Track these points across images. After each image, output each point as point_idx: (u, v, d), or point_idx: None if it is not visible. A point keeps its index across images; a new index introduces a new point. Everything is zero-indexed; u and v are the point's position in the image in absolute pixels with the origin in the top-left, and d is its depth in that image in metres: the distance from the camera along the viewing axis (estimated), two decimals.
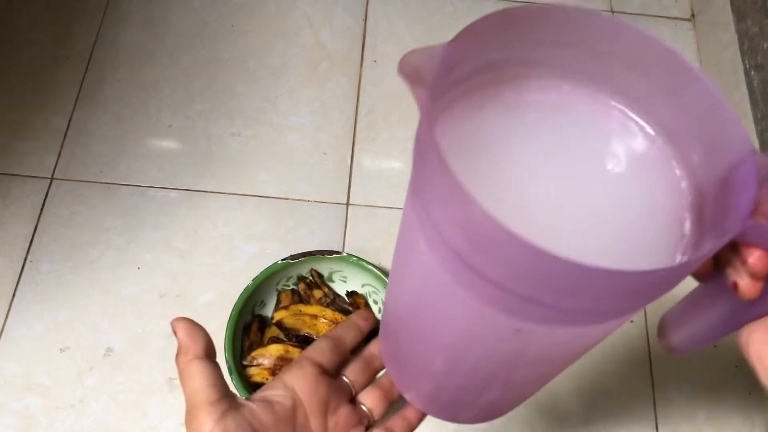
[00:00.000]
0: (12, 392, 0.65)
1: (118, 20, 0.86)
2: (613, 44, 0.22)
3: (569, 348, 0.24)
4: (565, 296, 0.18)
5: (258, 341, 0.63)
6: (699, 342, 0.25)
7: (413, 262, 0.24)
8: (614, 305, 0.19)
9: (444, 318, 0.24)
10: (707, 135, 0.21)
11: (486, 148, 0.23)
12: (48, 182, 0.75)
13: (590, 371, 0.70)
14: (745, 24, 0.80)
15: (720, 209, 0.21)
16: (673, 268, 0.18)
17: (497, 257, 0.18)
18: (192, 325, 0.29)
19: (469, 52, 0.22)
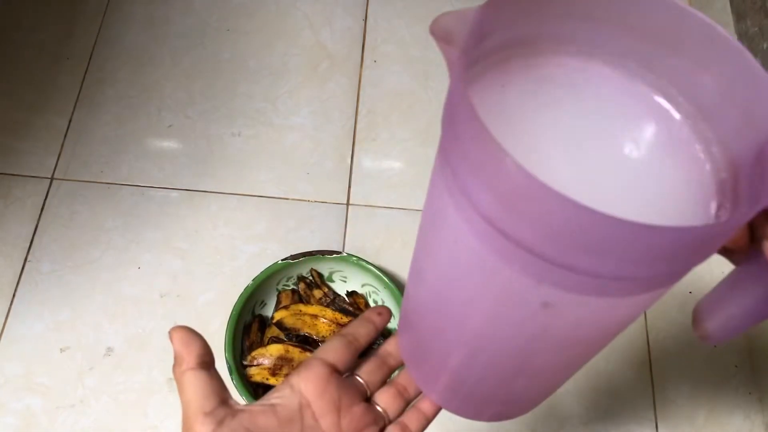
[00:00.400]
0: (12, 392, 0.65)
1: (118, 21, 0.86)
2: (644, 18, 0.22)
3: (597, 325, 0.23)
4: (598, 258, 0.18)
5: (258, 341, 0.64)
6: (735, 328, 0.25)
7: (440, 236, 0.23)
8: (647, 271, 0.19)
9: (471, 293, 0.23)
10: (743, 105, 0.21)
11: (509, 127, 0.23)
12: (48, 182, 0.75)
13: (590, 371, 0.70)
14: (744, 24, 0.80)
15: (757, 179, 0.20)
16: (708, 227, 0.17)
17: (530, 216, 0.18)
18: (187, 334, 0.28)
19: (501, 20, 0.21)
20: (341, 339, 0.33)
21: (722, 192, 0.22)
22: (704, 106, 0.23)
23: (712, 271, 0.82)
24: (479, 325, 0.24)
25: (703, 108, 0.23)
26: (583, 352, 0.27)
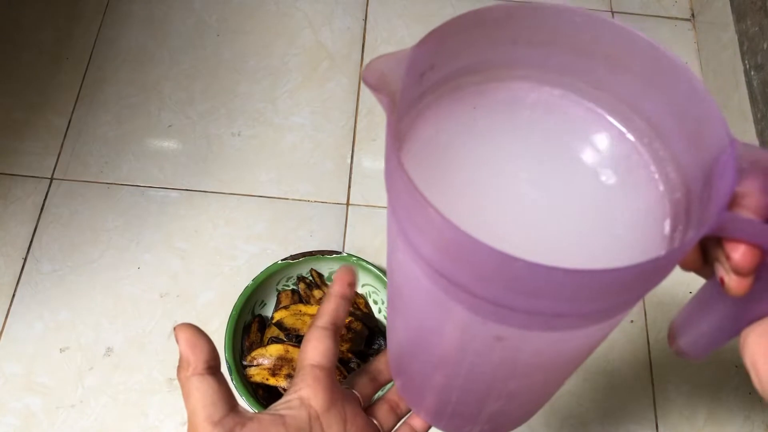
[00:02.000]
0: (12, 392, 0.65)
1: (118, 20, 0.86)
2: (592, 41, 0.22)
3: (559, 356, 0.23)
4: (534, 300, 0.18)
5: (258, 341, 0.64)
6: (706, 346, 0.25)
7: (397, 269, 0.24)
8: (586, 308, 0.19)
9: (433, 325, 0.24)
10: (690, 127, 0.21)
11: (476, 146, 0.23)
12: (48, 182, 0.75)
13: (590, 371, 0.70)
14: (744, 24, 0.80)
15: (703, 203, 0.20)
16: (636, 266, 0.17)
17: (463, 264, 0.18)
18: (194, 335, 0.26)
19: (442, 55, 0.22)
20: (326, 333, 0.31)
21: (676, 212, 0.22)
22: (657, 126, 0.23)
23: None
24: (447, 354, 0.24)
25: (656, 127, 0.23)
26: (556, 377, 0.27)
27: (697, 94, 0.20)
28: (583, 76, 0.23)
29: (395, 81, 0.20)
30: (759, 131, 0.75)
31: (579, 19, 0.21)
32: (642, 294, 0.20)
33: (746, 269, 0.19)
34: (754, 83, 0.76)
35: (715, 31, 0.87)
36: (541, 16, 0.22)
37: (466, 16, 0.21)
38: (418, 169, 0.22)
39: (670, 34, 0.91)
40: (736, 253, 0.19)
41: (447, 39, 0.21)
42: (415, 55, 0.20)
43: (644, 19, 0.92)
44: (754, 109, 0.76)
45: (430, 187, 0.22)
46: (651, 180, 0.23)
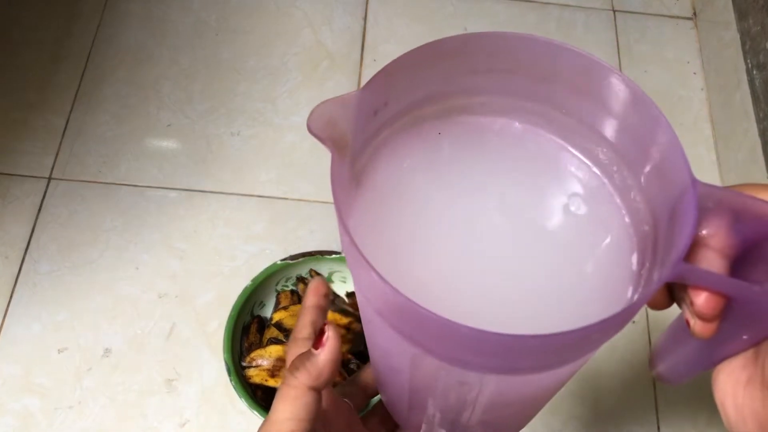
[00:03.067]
0: (11, 393, 0.64)
1: (116, 19, 0.85)
2: (554, 68, 0.21)
3: (525, 393, 0.23)
4: (485, 357, 0.18)
5: (257, 342, 0.63)
6: (683, 374, 0.24)
7: (363, 310, 0.24)
8: (540, 363, 0.19)
9: (399, 364, 0.23)
10: (656, 160, 0.20)
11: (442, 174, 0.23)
12: (46, 182, 0.74)
13: (591, 372, 0.70)
14: (746, 23, 0.79)
15: (667, 244, 0.20)
16: (578, 330, 0.17)
17: (412, 324, 0.18)
18: (339, 350, 0.26)
19: (396, 90, 0.21)
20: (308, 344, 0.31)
21: (644, 246, 0.22)
22: (625, 154, 0.22)
23: None
24: (417, 388, 0.24)
25: (624, 155, 0.22)
26: (530, 407, 0.26)
27: (661, 129, 0.20)
28: (547, 102, 0.23)
29: (345, 124, 0.19)
30: (761, 131, 0.74)
31: (540, 48, 0.21)
32: (597, 346, 0.19)
33: (709, 315, 0.19)
34: (756, 82, 0.76)
35: (716, 30, 0.86)
36: (500, 45, 0.21)
37: (419, 50, 0.20)
38: (379, 206, 0.22)
39: (671, 33, 0.91)
40: (699, 299, 0.19)
41: (400, 75, 0.21)
42: (364, 96, 0.20)
43: (646, 18, 0.92)
44: (756, 109, 0.76)
45: (390, 224, 0.21)
46: (617, 211, 0.22)
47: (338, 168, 0.19)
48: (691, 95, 0.87)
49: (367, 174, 0.22)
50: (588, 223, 0.22)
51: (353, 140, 0.20)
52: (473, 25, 0.89)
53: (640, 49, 0.89)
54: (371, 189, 0.22)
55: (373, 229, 0.21)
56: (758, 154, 0.74)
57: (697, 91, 0.87)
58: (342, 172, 0.20)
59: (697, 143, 0.84)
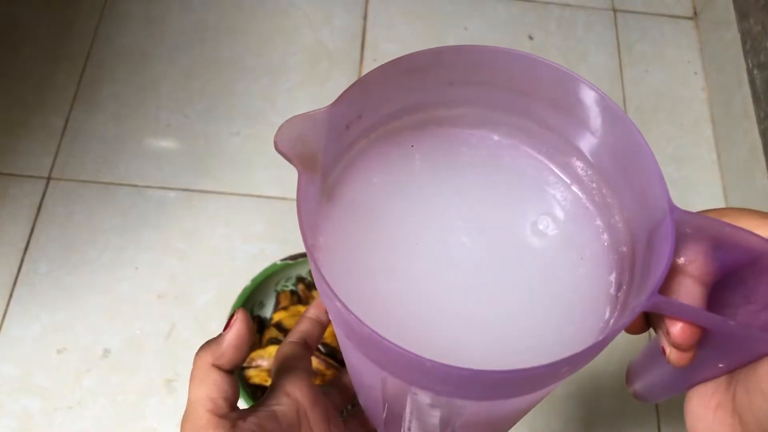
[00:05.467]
0: (10, 393, 0.64)
1: (116, 19, 0.85)
2: (533, 83, 0.21)
3: (494, 417, 0.23)
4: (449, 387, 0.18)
5: (257, 342, 0.63)
6: (658, 394, 0.24)
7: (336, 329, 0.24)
8: (506, 393, 0.19)
9: (370, 382, 0.23)
10: (635, 181, 0.20)
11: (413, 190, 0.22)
12: (45, 182, 0.74)
13: (591, 372, 0.70)
14: (747, 22, 0.79)
15: (644, 267, 0.19)
16: (540, 367, 0.16)
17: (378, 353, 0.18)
18: (245, 335, 0.26)
19: (369, 104, 0.21)
20: (298, 346, 0.32)
21: (622, 265, 0.21)
22: (605, 172, 0.22)
23: None
24: (390, 404, 0.24)
25: (604, 174, 0.22)
26: (508, 424, 0.26)
27: (638, 151, 0.19)
28: (526, 115, 0.22)
29: (315, 140, 0.19)
30: (762, 131, 0.74)
31: (516, 61, 0.21)
32: (568, 374, 0.19)
33: (685, 346, 0.19)
34: (757, 82, 0.76)
35: (717, 30, 0.86)
36: (476, 58, 0.21)
37: (392, 64, 0.20)
38: (350, 223, 0.21)
39: (672, 33, 0.91)
40: (675, 329, 0.19)
41: (373, 89, 0.20)
42: (335, 112, 0.20)
43: (646, 18, 0.92)
44: (757, 109, 0.75)
45: (361, 241, 0.21)
46: (595, 231, 0.22)
47: (306, 187, 0.19)
48: (692, 95, 0.87)
49: (339, 189, 0.22)
50: (565, 242, 0.22)
51: (324, 156, 0.20)
52: (473, 24, 0.89)
53: (640, 49, 0.89)
54: (342, 205, 0.22)
55: (344, 246, 0.21)
56: (759, 154, 0.73)
57: (698, 91, 0.87)
58: (310, 192, 0.20)
59: (698, 143, 0.83)
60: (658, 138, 0.83)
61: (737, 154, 0.78)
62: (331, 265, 0.20)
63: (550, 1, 0.91)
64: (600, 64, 0.87)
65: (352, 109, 0.21)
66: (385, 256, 0.21)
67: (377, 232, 0.22)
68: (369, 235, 0.21)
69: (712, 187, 0.80)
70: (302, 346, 0.31)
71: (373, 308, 0.20)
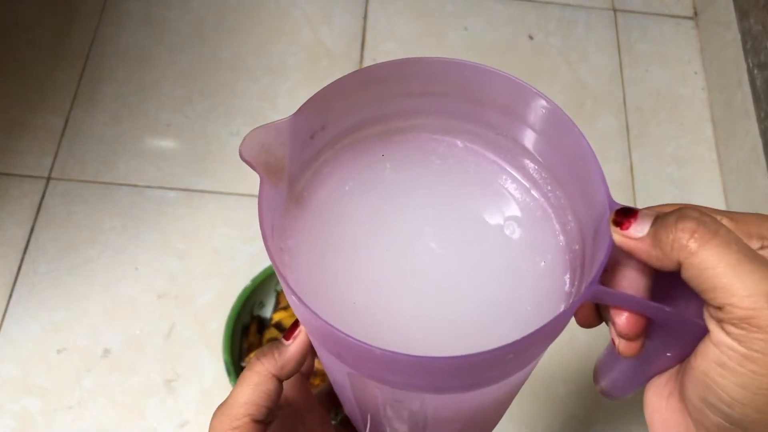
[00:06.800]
0: (9, 393, 0.64)
1: (116, 19, 0.85)
2: (484, 92, 0.22)
3: (463, 411, 0.23)
4: (411, 378, 0.18)
5: (257, 342, 0.63)
6: (623, 389, 0.25)
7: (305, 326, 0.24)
8: (465, 382, 0.19)
9: (340, 379, 0.24)
10: (581, 182, 0.21)
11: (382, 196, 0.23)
12: (45, 182, 0.74)
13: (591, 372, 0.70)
14: (747, 22, 0.79)
15: (591, 262, 0.20)
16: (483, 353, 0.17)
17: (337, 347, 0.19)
18: (308, 348, 0.26)
19: (332, 115, 0.22)
20: None
21: (574, 266, 0.22)
22: (557, 176, 0.23)
23: None
24: (361, 403, 0.25)
25: (557, 177, 0.23)
26: (479, 423, 0.27)
27: (582, 153, 0.20)
28: (482, 124, 0.23)
29: (279, 149, 0.20)
30: (762, 131, 0.74)
31: (468, 72, 0.22)
32: (519, 366, 0.20)
33: (631, 335, 0.19)
34: (758, 82, 0.76)
35: (717, 30, 0.86)
36: (430, 70, 0.22)
37: (351, 76, 0.21)
38: (318, 228, 0.22)
39: (672, 33, 0.91)
40: (620, 320, 0.19)
41: (334, 100, 0.21)
42: (297, 121, 0.20)
43: (646, 17, 0.92)
44: (758, 108, 0.75)
45: (329, 245, 0.22)
46: (553, 233, 0.23)
47: (269, 193, 0.19)
48: (692, 95, 0.87)
49: (307, 195, 0.23)
50: (524, 245, 0.23)
51: (290, 164, 0.21)
52: (473, 24, 0.89)
53: (640, 49, 0.89)
54: (311, 210, 0.23)
55: (312, 250, 0.22)
56: (759, 154, 0.73)
57: (698, 91, 0.87)
58: (273, 196, 0.20)
59: (698, 143, 0.83)
60: (658, 138, 0.83)
61: (737, 154, 0.78)
62: (298, 266, 0.21)
63: (550, 1, 0.91)
64: (600, 64, 0.87)
65: (315, 119, 0.21)
66: (353, 260, 0.22)
67: (344, 236, 0.22)
68: (337, 240, 0.22)
69: (712, 186, 0.80)
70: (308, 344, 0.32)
71: (339, 309, 0.20)
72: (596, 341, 0.71)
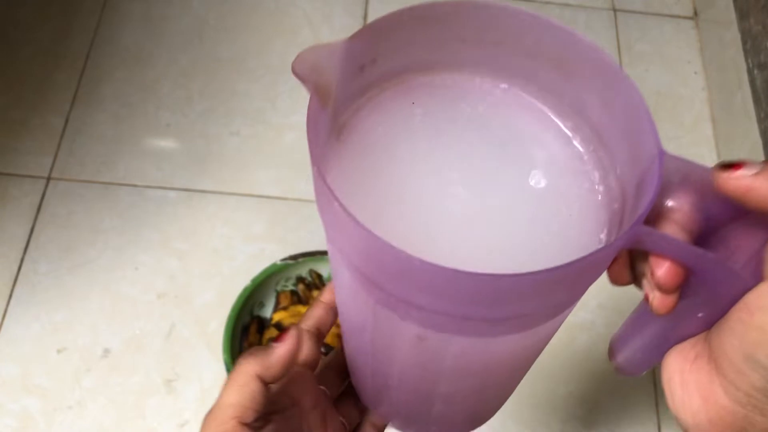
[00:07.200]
0: (9, 393, 0.64)
1: (116, 19, 0.85)
2: (538, 43, 0.22)
3: (487, 361, 0.23)
4: (437, 299, 0.18)
5: (257, 342, 0.63)
6: (641, 363, 0.24)
7: (332, 265, 0.24)
8: (493, 314, 0.19)
9: (360, 322, 0.23)
10: (630, 137, 0.21)
11: (412, 142, 0.23)
12: (45, 182, 0.74)
13: (591, 372, 0.70)
14: (747, 22, 0.79)
15: (631, 219, 0.20)
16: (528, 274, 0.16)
17: (372, 261, 0.18)
18: (297, 353, 0.26)
19: (383, 49, 0.21)
20: (309, 335, 0.31)
21: (612, 223, 0.22)
22: (602, 134, 0.22)
23: None
24: (377, 351, 0.24)
25: (601, 135, 0.22)
26: (493, 383, 0.26)
27: (633, 101, 0.20)
28: (531, 78, 0.23)
29: (330, 73, 0.20)
30: (762, 130, 0.74)
31: (527, 20, 0.21)
32: (554, 304, 0.19)
33: (669, 286, 0.19)
34: (757, 82, 0.76)
35: (717, 30, 0.86)
36: (489, 15, 0.21)
37: (407, 11, 0.20)
38: (358, 163, 0.22)
39: (672, 33, 0.91)
40: (660, 270, 0.19)
41: (388, 32, 0.21)
42: (351, 46, 0.20)
43: (646, 17, 0.92)
44: (758, 108, 0.75)
45: (368, 182, 0.22)
46: (591, 188, 0.22)
47: (316, 113, 0.19)
48: (692, 95, 0.87)
49: (348, 130, 0.23)
50: (561, 197, 0.22)
51: (337, 92, 0.20)
52: None
53: (640, 49, 0.89)
54: (350, 145, 0.22)
55: (347, 185, 0.22)
56: (759, 154, 0.73)
57: (698, 91, 0.87)
58: (321, 118, 0.20)
59: (698, 143, 0.83)
60: None
61: (738, 154, 0.78)
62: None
63: (550, 1, 0.91)
64: None
65: (367, 49, 0.21)
66: (390, 198, 0.22)
67: (383, 175, 0.22)
68: (375, 177, 0.22)
69: None
70: (313, 336, 0.31)
71: None
72: (595, 343, 0.71)
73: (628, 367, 0.25)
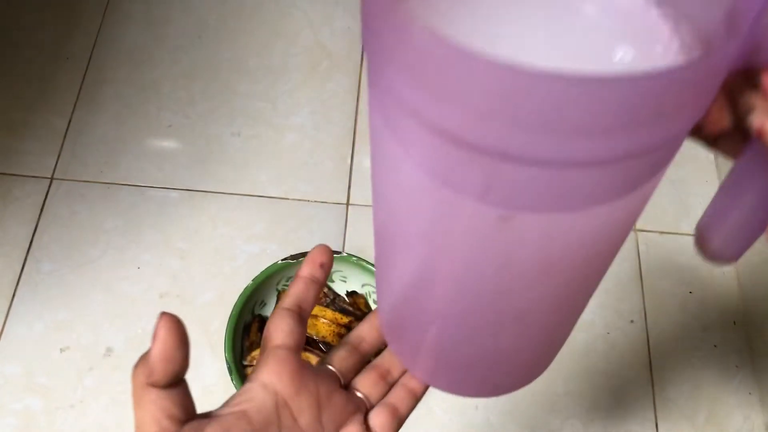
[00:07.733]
0: (12, 392, 0.65)
1: (118, 20, 0.86)
2: None
3: (569, 248, 0.20)
4: (534, 134, 0.15)
5: (258, 341, 0.63)
6: (741, 241, 0.21)
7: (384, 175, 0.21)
8: (601, 146, 0.16)
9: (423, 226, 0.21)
10: None
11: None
12: (48, 182, 0.75)
13: (590, 371, 0.70)
14: None
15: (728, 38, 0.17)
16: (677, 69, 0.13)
17: (451, 90, 0.15)
18: (174, 341, 0.23)
19: None
20: (289, 314, 0.28)
21: None
22: None
23: (711, 271, 0.82)
24: (442, 263, 0.22)
25: None
26: (567, 285, 0.23)
27: None
28: None
29: None
30: None
31: None
32: (659, 142, 0.16)
33: None
34: None
35: None
36: None
37: None
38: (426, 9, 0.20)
39: None
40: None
41: None
42: None
43: None
44: None
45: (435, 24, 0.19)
46: (667, 47, 0.20)
47: None
48: None
49: None
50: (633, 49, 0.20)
51: None
52: None
53: None
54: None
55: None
56: None
57: None
58: None
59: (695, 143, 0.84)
60: None
61: None
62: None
63: None
64: None
65: None
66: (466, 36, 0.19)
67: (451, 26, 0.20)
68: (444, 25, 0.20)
69: (709, 186, 0.80)
70: (294, 315, 0.28)
71: None
72: (594, 342, 0.71)
73: (726, 252, 0.22)
